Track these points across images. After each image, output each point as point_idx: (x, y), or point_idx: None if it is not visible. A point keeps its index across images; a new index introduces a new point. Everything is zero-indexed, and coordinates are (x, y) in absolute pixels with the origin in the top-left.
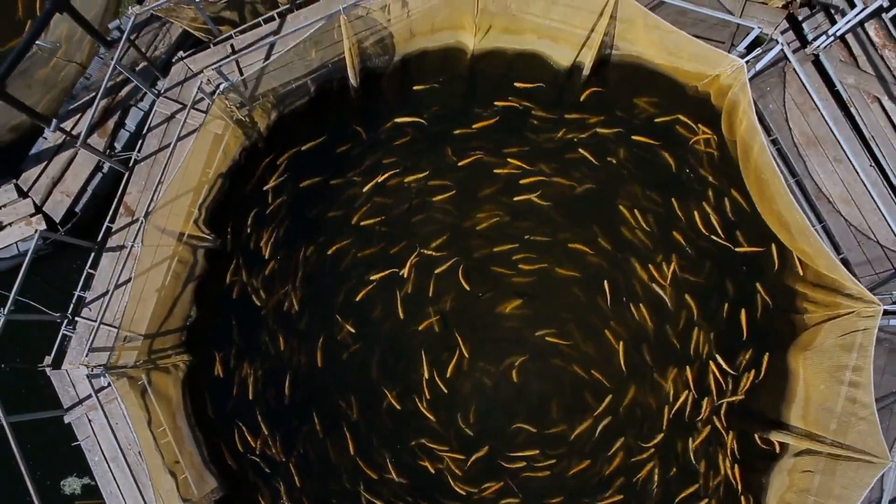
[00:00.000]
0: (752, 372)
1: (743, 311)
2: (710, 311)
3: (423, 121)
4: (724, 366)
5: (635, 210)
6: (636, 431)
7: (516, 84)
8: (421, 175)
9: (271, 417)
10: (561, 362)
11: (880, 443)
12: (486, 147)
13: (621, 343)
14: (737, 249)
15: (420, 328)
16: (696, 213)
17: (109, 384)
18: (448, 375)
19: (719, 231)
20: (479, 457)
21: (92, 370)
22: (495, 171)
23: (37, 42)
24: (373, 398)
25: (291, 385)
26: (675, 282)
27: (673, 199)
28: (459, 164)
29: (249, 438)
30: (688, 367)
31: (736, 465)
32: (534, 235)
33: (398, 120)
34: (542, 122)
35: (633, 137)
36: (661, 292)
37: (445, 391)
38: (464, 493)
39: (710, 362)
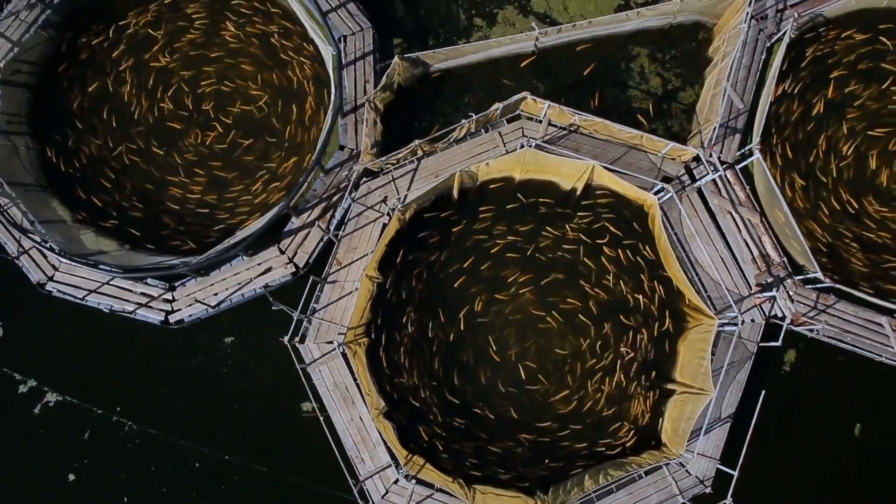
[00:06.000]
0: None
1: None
2: (645, 322)
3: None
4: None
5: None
6: (601, 376)
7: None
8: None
9: (411, 370)
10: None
11: (710, 386)
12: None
13: (589, 332)
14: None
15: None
16: (626, 262)
17: (332, 351)
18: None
19: (645, 278)
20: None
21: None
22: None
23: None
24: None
25: (420, 354)
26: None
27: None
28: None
29: (405, 380)
30: (629, 348)
31: (650, 397)
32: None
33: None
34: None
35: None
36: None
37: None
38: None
39: (642, 345)
